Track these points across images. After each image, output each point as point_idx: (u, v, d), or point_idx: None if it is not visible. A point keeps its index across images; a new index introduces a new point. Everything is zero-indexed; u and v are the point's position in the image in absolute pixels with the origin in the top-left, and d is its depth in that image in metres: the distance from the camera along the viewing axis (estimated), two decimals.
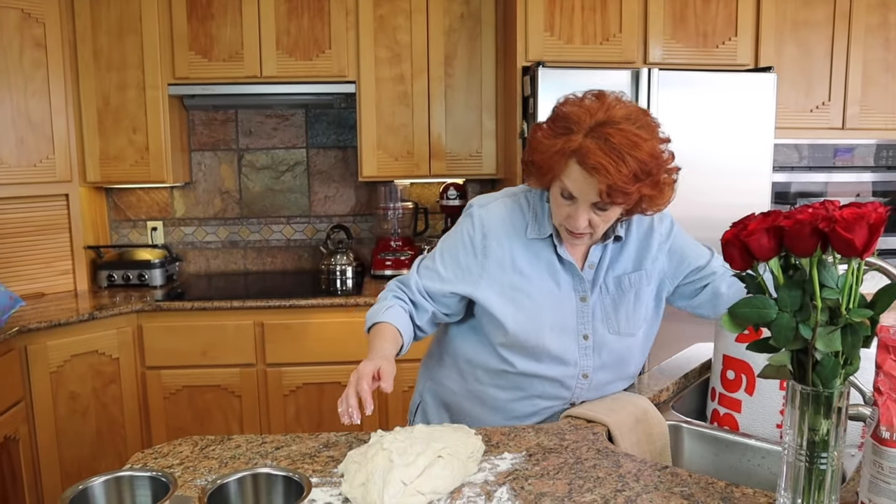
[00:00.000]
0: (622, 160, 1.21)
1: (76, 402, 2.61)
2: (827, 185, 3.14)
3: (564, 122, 1.27)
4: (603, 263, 1.44)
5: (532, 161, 1.34)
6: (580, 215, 1.30)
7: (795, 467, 0.92)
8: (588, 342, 1.43)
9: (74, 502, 0.86)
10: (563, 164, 1.27)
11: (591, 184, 1.24)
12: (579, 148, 1.23)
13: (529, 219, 1.43)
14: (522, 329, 1.40)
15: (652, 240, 1.47)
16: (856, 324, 0.85)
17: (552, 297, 1.41)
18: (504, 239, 1.42)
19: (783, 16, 2.95)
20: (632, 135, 1.23)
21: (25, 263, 2.89)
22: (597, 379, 1.46)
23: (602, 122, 1.24)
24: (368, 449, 1.13)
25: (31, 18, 2.78)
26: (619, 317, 1.44)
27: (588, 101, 1.29)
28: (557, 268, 1.42)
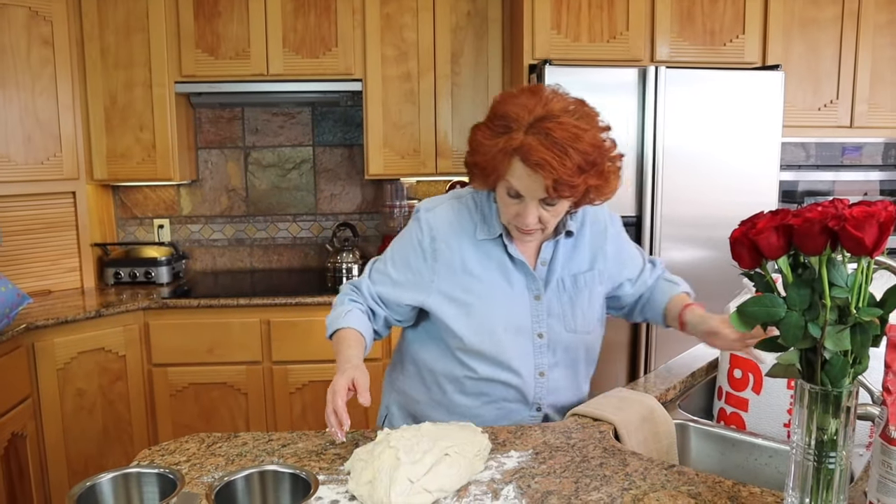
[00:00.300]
0: (565, 154, 1.20)
1: (83, 399, 2.62)
2: (834, 184, 3.13)
3: (503, 121, 1.25)
4: (556, 260, 1.43)
5: (475, 163, 1.31)
6: (529, 212, 1.28)
7: (804, 467, 0.92)
8: (543, 340, 1.43)
9: (82, 499, 0.87)
10: (507, 164, 1.25)
11: (537, 180, 1.23)
12: (521, 145, 1.22)
13: (478, 220, 1.41)
14: (476, 332, 1.39)
15: (606, 239, 1.49)
16: (865, 323, 0.84)
17: (505, 297, 1.40)
18: (453, 241, 1.40)
19: (791, 14, 2.93)
20: (572, 127, 1.22)
21: (33, 261, 2.90)
22: (553, 378, 1.45)
23: (541, 117, 1.23)
24: (375, 447, 1.13)
25: (39, 17, 2.79)
26: (575, 314, 1.44)
27: (524, 97, 1.27)
28: (509, 267, 1.41)
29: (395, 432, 1.17)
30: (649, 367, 2.77)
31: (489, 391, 1.44)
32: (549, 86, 1.31)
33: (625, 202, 2.71)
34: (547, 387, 1.45)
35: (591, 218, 1.48)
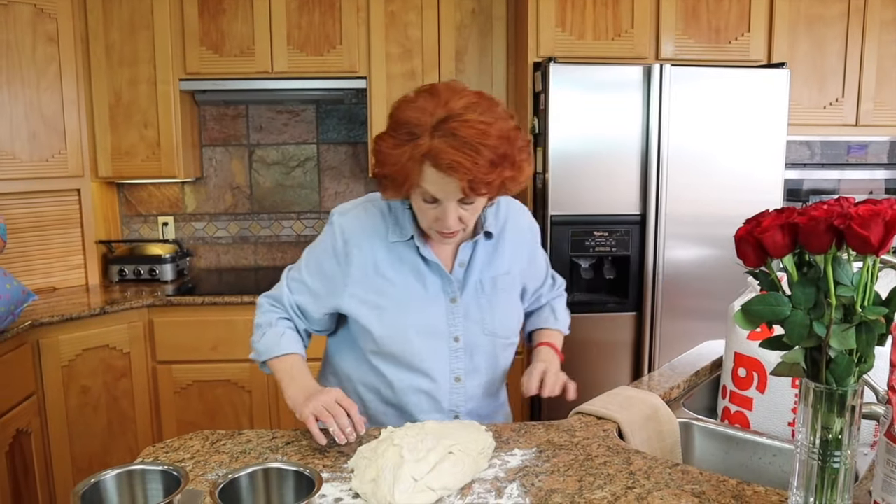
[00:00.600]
0: (476, 152, 1.18)
1: (87, 396, 2.63)
2: (839, 183, 3.12)
3: (406, 128, 1.22)
4: (475, 261, 1.41)
5: (385, 174, 1.27)
6: (449, 215, 1.26)
7: (808, 465, 0.92)
8: (459, 344, 1.40)
9: (87, 496, 0.87)
10: (418, 170, 1.21)
11: (452, 182, 1.20)
12: (429, 150, 1.18)
13: (390, 222, 1.39)
14: (388, 334, 1.37)
15: (525, 245, 1.49)
16: (871, 321, 0.84)
17: (419, 300, 1.38)
18: (365, 244, 1.38)
19: (797, 11, 2.92)
20: (478, 123, 1.19)
21: (38, 258, 2.91)
22: (472, 384, 1.43)
23: (444, 118, 1.19)
24: (379, 444, 1.13)
25: (44, 14, 2.79)
26: (494, 318, 1.42)
27: (422, 99, 1.23)
28: (423, 270, 1.39)
29: (399, 430, 1.17)
30: (653, 366, 2.77)
31: (404, 400, 1.42)
32: (443, 83, 1.27)
33: (629, 200, 2.70)
34: (465, 393, 1.43)
35: (512, 221, 1.47)
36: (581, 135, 2.66)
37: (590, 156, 2.67)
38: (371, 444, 1.16)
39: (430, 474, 1.06)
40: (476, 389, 1.44)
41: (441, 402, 1.41)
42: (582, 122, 2.65)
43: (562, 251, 2.71)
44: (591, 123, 2.66)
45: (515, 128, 1.27)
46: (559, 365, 1.48)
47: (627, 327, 2.77)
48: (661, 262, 2.73)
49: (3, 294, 2.23)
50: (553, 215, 2.69)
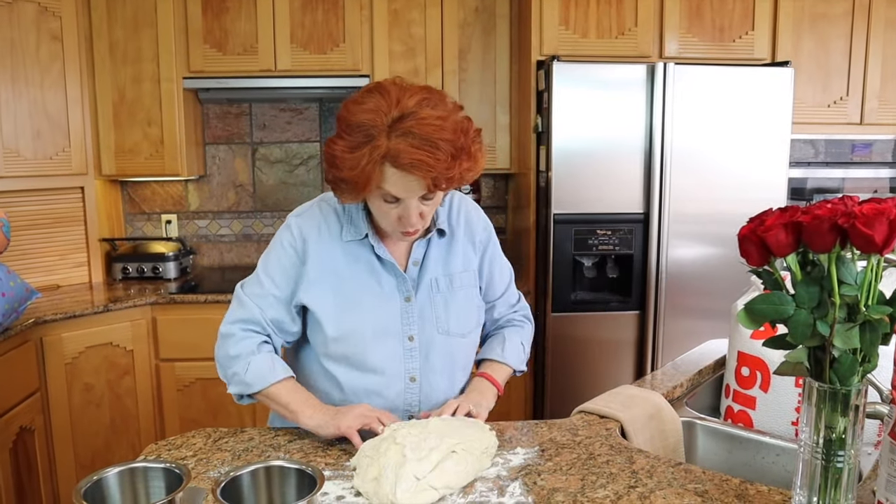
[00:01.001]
0: (436, 147, 1.17)
1: (91, 394, 2.64)
2: (844, 181, 3.11)
3: (361, 130, 1.19)
4: (429, 259, 1.41)
5: (342, 178, 1.24)
6: (411, 213, 1.25)
7: (812, 465, 0.92)
8: (414, 343, 1.38)
9: (89, 493, 0.87)
10: (378, 172, 1.19)
11: (414, 181, 1.20)
12: (388, 151, 1.17)
13: (345, 221, 1.38)
14: (342, 334, 1.36)
15: (475, 241, 1.47)
16: (874, 321, 0.84)
17: (374, 299, 1.37)
18: (321, 244, 1.37)
19: (801, 10, 2.91)
20: (433, 119, 1.19)
21: (41, 255, 2.92)
22: (428, 384, 1.41)
23: (398, 117, 1.18)
24: (381, 443, 1.13)
25: (48, 12, 2.80)
26: (449, 316, 1.40)
27: (374, 100, 1.21)
28: (378, 269, 1.38)
29: (402, 428, 1.17)
30: (656, 365, 2.77)
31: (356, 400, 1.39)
32: (386, 81, 1.25)
33: (632, 199, 2.70)
34: (420, 393, 1.41)
35: (465, 217, 1.46)
36: (584, 133, 2.65)
37: (593, 154, 2.67)
38: (373, 441, 1.16)
39: (432, 473, 1.06)
40: (432, 389, 1.42)
41: (395, 403, 1.39)
42: (585, 120, 2.65)
43: (565, 250, 2.71)
44: (594, 122, 2.65)
45: (466, 118, 1.27)
46: (491, 399, 1.42)
47: (630, 326, 2.77)
48: (665, 261, 2.73)
49: (7, 291, 2.23)
50: (556, 214, 2.69)
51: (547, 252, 2.73)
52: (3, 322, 2.22)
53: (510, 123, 3.15)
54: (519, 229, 3.17)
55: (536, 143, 2.83)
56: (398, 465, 1.05)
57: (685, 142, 2.67)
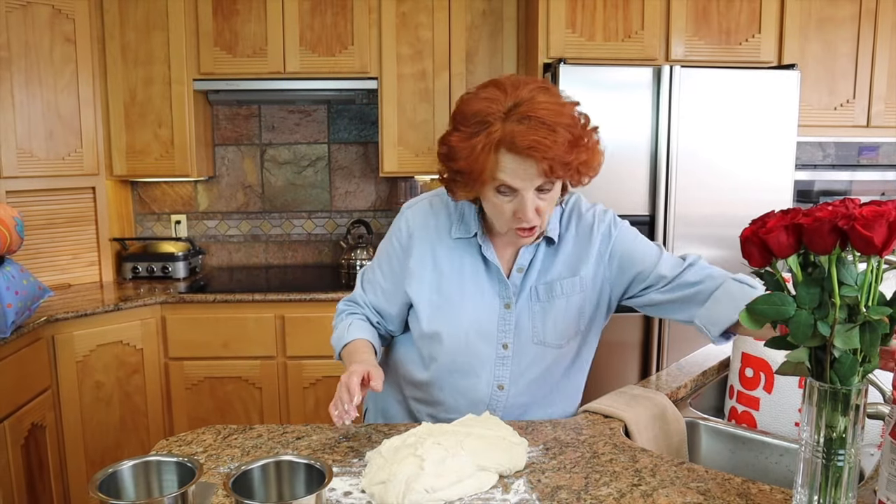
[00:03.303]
0: (553, 131, 1.15)
1: (101, 391, 2.67)
2: (851, 184, 3.11)
3: (476, 118, 1.18)
4: (534, 267, 1.36)
5: (457, 170, 1.22)
6: (528, 206, 1.20)
7: (812, 464, 0.93)
8: (507, 351, 1.36)
9: (104, 485, 0.89)
10: (494, 159, 1.17)
11: (530, 166, 1.17)
12: (504, 135, 1.15)
13: (455, 218, 1.36)
14: (436, 331, 1.36)
15: (591, 243, 1.37)
16: (874, 321, 0.85)
17: (473, 302, 1.35)
18: (427, 238, 1.37)
19: (807, 13, 2.92)
20: (551, 105, 1.17)
21: (54, 254, 2.95)
22: (515, 392, 1.38)
23: (515, 104, 1.17)
24: (402, 448, 1.11)
25: (62, 14, 2.83)
26: (546, 326, 1.36)
27: (489, 91, 1.20)
28: (482, 271, 1.36)
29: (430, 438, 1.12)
30: (661, 365, 2.77)
31: (442, 399, 1.40)
32: (503, 76, 1.25)
33: (638, 201, 2.71)
34: (507, 401, 1.39)
35: (576, 221, 1.40)
36: None
37: None
38: (394, 441, 1.14)
39: (444, 491, 1.04)
40: (519, 398, 1.39)
41: (478, 406, 1.38)
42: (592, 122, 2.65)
43: None
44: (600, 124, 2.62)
45: (582, 114, 1.25)
46: None
47: (636, 327, 2.78)
48: None
49: (21, 290, 2.26)
50: None
51: None
52: (17, 320, 2.25)
53: None
54: None
55: None
56: (412, 477, 1.03)
57: (691, 144, 2.68)
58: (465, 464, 1.08)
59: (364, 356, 1.31)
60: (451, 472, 1.06)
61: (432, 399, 1.43)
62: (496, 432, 1.19)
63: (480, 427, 1.20)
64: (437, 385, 1.41)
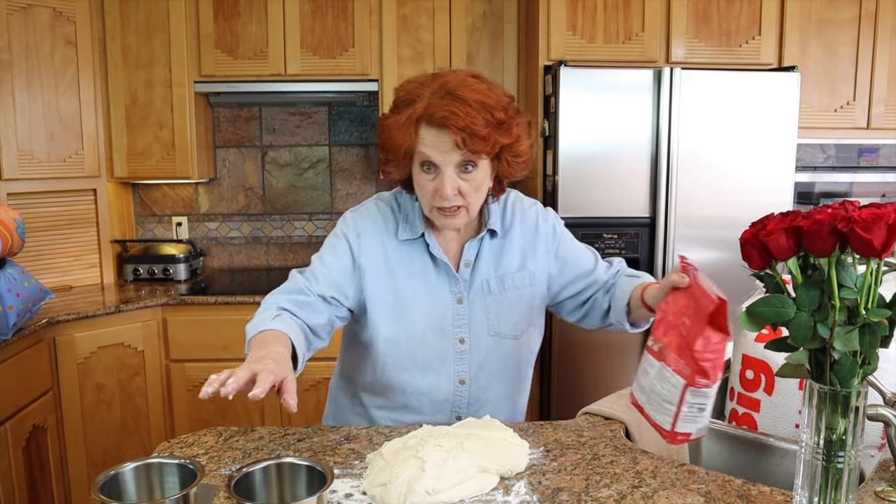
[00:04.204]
0: (470, 105, 1.20)
1: (102, 393, 2.67)
2: (852, 186, 3.11)
3: (406, 97, 1.26)
4: (481, 261, 1.40)
5: (385, 147, 1.29)
6: (446, 182, 1.25)
7: (812, 466, 0.93)
8: (465, 346, 1.39)
9: (106, 486, 0.89)
10: (415, 132, 1.23)
11: (446, 138, 1.22)
12: (425, 109, 1.22)
13: (401, 219, 1.39)
14: (395, 333, 1.36)
15: (537, 238, 1.44)
16: (874, 324, 0.85)
17: (427, 301, 1.37)
18: (376, 242, 1.38)
19: (808, 15, 2.92)
20: (476, 85, 1.24)
21: (55, 256, 2.95)
22: (476, 387, 1.41)
23: (443, 84, 1.24)
24: (403, 450, 1.11)
25: (63, 17, 2.84)
26: (500, 317, 1.40)
27: (424, 78, 1.28)
28: (431, 269, 1.38)
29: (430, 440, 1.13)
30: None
31: (407, 402, 1.41)
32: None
33: (638, 203, 2.71)
34: (469, 396, 1.41)
35: (520, 217, 1.45)
36: (591, 137, 2.67)
37: (600, 158, 2.68)
38: (395, 443, 1.15)
39: (446, 492, 1.04)
40: (482, 393, 1.42)
41: (443, 404, 1.40)
42: (592, 124, 2.66)
43: None
44: (601, 126, 2.67)
45: (512, 101, 1.30)
46: None
47: None
48: (671, 265, 2.74)
49: (22, 292, 2.26)
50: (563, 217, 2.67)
51: None
52: (18, 322, 2.25)
53: None
54: None
55: (543, 148, 2.85)
56: (413, 479, 1.03)
57: (692, 146, 2.69)
58: (467, 465, 1.08)
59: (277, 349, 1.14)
60: (453, 473, 1.06)
61: (395, 403, 1.43)
62: (497, 434, 1.19)
63: (481, 429, 1.21)
64: (398, 388, 1.41)
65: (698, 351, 1.06)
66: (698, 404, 1.08)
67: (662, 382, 1.11)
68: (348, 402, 1.52)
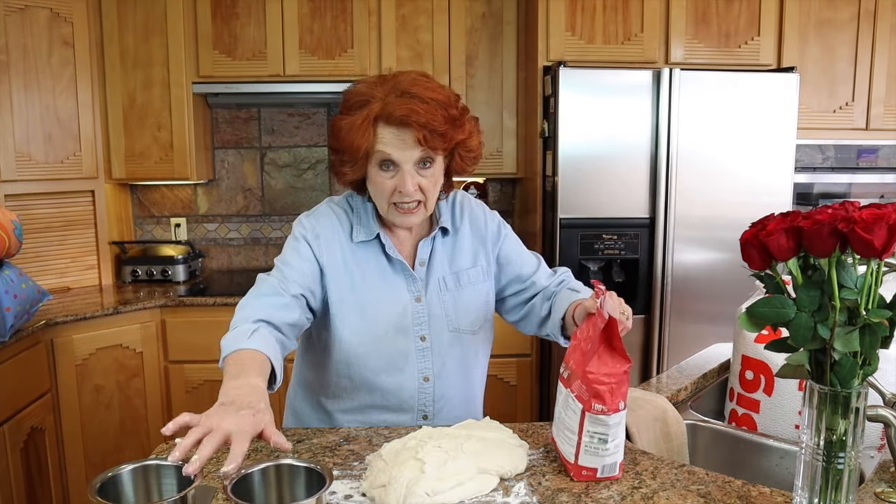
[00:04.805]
0: (427, 103, 1.23)
1: (100, 395, 2.66)
2: (851, 186, 3.11)
3: (358, 99, 1.27)
4: (434, 258, 1.42)
5: (340, 148, 1.29)
6: (407, 179, 1.26)
7: (812, 467, 0.93)
8: (426, 343, 1.40)
9: (103, 489, 0.89)
10: (372, 132, 1.24)
11: (407, 136, 1.23)
12: (382, 109, 1.23)
13: (354, 221, 1.40)
14: (357, 334, 1.36)
15: (486, 235, 1.46)
16: (874, 324, 0.85)
17: (386, 301, 1.38)
18: (334, 244, 1.38)
19: (807, 16, 2.93)
20: (428, 83, 1.26)
21: (53, 258, 2.95)
22: (441, 384, 1.41)
23: (396, 84, 1.26)
24: (401, 452, 1.10)
25: (60, 18, 2.83)
26: (458, 313, 1.41)
27: (372, 79, 1.30)
28: (388, 270, 1.39)
29: (431, 441, 1.12)
30: (662, 368, 2.77)
31: (371, 402, 1.40)
32: None
33: (638, 203, 2.71)
34: (434, 393, 1.41)
35: (468, 215, 1.47)
36: (591, 138, 2.67)
37: (599, 159, 2.68)
38: (395, 444, 1.14)
39: (449, 491, 1.03)
40: (446, 390, 1.42)
41: (409, 402, 1.40)
42: (591, 125, 2.66)
43: (571, 254, 2.73)
44: (600, 127, 2.67)
45: (459, 99, 1.32)
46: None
47: (636, 330, 2.78)
48: (670, 265, 2.74)
49: (20, 293, 2.26)
50: (562, 218, 2.70)
51: (553, 256, 2.74)
52: (16, 324, 2.24)
53: (517, 128, 3.17)
54: (525, 234, 3.18)
55: (543, 148, 2.85)
56: (413, 481, 1.03)
57: (691, 147, 2.69)
58: (466, 466, 1.08)
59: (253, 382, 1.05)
60: (452, 474, 1.06)
61: (360, 405, 1.41)
62: (497, 435, 1.19)
63: (481, 430, 1.21)
64: (364, 388, 1.40)
65: (592, 373, 1.07)
66: (599, 434, 1.07)
67: (567, 410, 1.12)
68: (310, 411, 1.50)
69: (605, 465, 1.08)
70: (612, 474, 1.10)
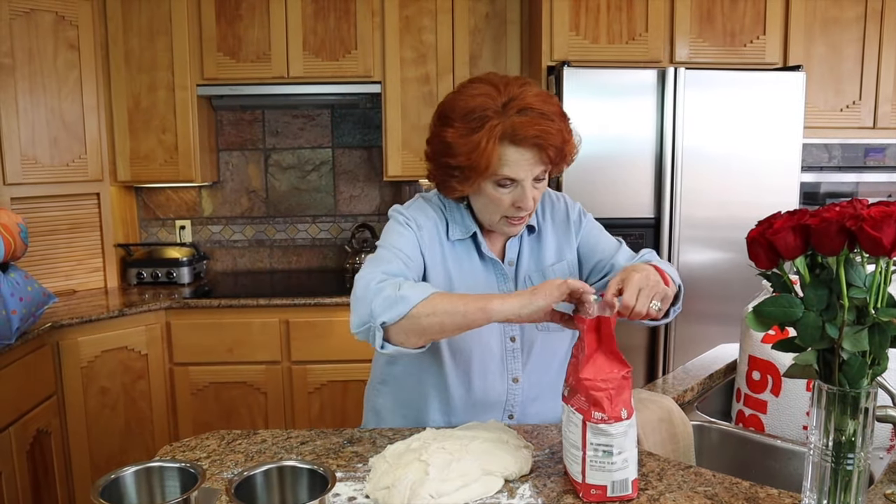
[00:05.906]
0: (551, 119, 1.21)
1: (106, 397, 2.67)
2: (858, 186, 3.09)
3: (474, 115, 1.21)
4: (522, 258, 1.40)
5: (457, 166, 1.24)
6: (527, 194, 1.24)
7: (821, 468, 0.92)
8: (515, 344, 1.38)
9: (107, 491, 0.88)
10: (496, 153, 1.20)
11: (533, 156, 1.21)
12: (507, 128, 1.19)
13: (449, 218, 1.38)
14: None
15: (569, 228, 1.44)
16: (883, 323, 0.84)
17: None
18: (434, 239, 1.36)
19: (812, 14, 2.91)
20: (540, 95, 1.23)
21: (58, 261, 2.95)
22: (528, 384, 1.39)
23: (510, 98, 1.21)
24: (405, 454, 1.10)
25: (66, 21, 2.84)
26: None
27: (480, 88, 1.24)
28: (480, 268, 1.38)
29: (436, 441, 1.12)
30: (668, 369, 2.76)
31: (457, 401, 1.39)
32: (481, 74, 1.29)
33: (643, 203, 2.70)
34: (523, 394, 1.40)
35: (550, 210, 1.45)
36: (595, 138, 2.66)
37: (604, 159, 2.67)
38: (398, 447, 1.14)
39: (453, 493, 1.03)
40: (534, 389, 1.41)
41: (496, 404, 1.39)
42: (596, 125, 2.65)
43: None
44: (605, 127, 2.66)
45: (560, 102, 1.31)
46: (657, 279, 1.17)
47: (642, 330, 2.76)
48: (676, 265, 2.73)
49: (25, 296, 2.26)
50: None
51: None
52: (21, 326, 2.25)
53: None
54: None
55: None
56: (417, 483, 1.02)
57: (696, 146, 2.67)
58: (471, 468, 1.07)
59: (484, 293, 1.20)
60: (457, 476, 1.05)
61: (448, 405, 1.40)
62: (501, 436, 1.18)
63: (485, 431, 1.20)
64: (452, 389, 1.39)
65: (588, 378, 1.03)
66: (603, 446, 1.02)
67: (569, 426, 1.08)
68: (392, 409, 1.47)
69: (614, 481, 1.03)
70: (625, 493, 1.04)
